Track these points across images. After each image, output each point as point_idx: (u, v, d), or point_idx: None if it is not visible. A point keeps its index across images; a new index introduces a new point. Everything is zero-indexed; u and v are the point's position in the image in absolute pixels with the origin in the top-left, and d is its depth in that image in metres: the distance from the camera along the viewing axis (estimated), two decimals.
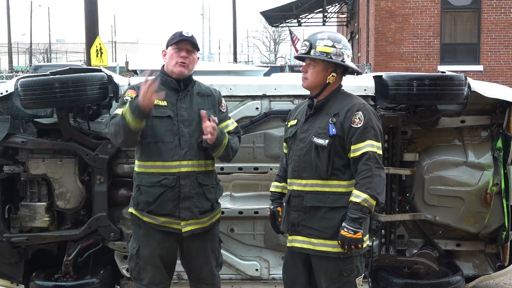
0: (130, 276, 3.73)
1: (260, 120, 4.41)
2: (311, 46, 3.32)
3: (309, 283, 3.46)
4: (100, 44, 13.98)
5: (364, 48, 21.13)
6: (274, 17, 27.71)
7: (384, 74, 4.21)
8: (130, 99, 3.38)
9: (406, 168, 4.29)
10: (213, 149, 3.46)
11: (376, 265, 4.37)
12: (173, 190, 3.43)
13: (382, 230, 4.34)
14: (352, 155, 3.25)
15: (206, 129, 3.37)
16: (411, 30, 17.51)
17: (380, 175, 3.22)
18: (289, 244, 3.43)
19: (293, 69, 20.41)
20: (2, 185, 4.31)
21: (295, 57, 3.55)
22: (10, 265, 4.37)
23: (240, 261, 4.52)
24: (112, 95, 4.26)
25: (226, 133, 3.54)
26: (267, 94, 4.43)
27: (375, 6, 17.72)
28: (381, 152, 3.27)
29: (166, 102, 3.45)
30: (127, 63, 15.26)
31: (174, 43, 3.48)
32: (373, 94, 4.33)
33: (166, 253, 3.54)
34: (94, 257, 4.41)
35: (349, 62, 3.34)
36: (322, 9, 25.72)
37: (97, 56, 13.92)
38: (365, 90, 4.33)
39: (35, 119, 4.36)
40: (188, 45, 3.49)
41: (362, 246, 3.24)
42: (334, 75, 3.32)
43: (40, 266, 4.46)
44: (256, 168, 4.44)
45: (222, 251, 3.87)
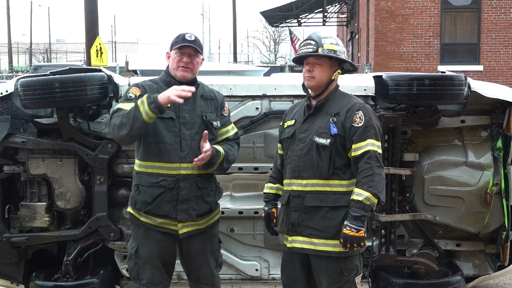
0: (129, 275, 3.74)
1: (260, 120, 4.41)
2: (318, 45, 3.33)
3: (308, 283, 3.46)
4: (100, 44, 13.97)
5: (364, 48, 21.12)
6: (274, 17, 27.68)
7: (384, 74, 4.21)
8: (134, 97, 3.39)
9: (406, 168, 4.29)
10: (205, 168, 3.46)
11: (376, 265, 4.37)
12: (171, 192, 3.43)
13: (382, 230, 4.34)
14: (353, 154, 3.26)
15: (202, 149, 3.38)
16: (411, 30, 17.50)
17: (380, 174, 3.25)
18: (289, 244, 3.43)
19: (293, 69, 20.43)
20: (2, 185, 4.31)
21: (295, 57, 3.52)
22: (10, 265, 4.37)
23: (240, 261, 4.52)
24: (112, 95, 4.26)
25: (221, 152, 3.50)
26: (267, 94, 4.43)
27: (375, 6, 17.71)
28: (381, 151, 3.30)
29: (169, 104, 3.46)
30: (127, 63, 15.22)
31: (177, 48, 3.49)
32: (373, 94, 4.33)
33: (165, 253, 3.54)
34: (94, 257, 4.41)
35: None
36: (322, 9, 25.70)
37: (97, 56, 13.91)
38: (365, 90, 4.33)
39: (35, 119, 4.36)
40: (190, 49, 3.49)
41: (365, 244, 3.26)
42: (340, 72, 3.38)
43: (40, 266, 4.46)
44: (256, 168, 4.45)
45: (222, 251, 3.88)
